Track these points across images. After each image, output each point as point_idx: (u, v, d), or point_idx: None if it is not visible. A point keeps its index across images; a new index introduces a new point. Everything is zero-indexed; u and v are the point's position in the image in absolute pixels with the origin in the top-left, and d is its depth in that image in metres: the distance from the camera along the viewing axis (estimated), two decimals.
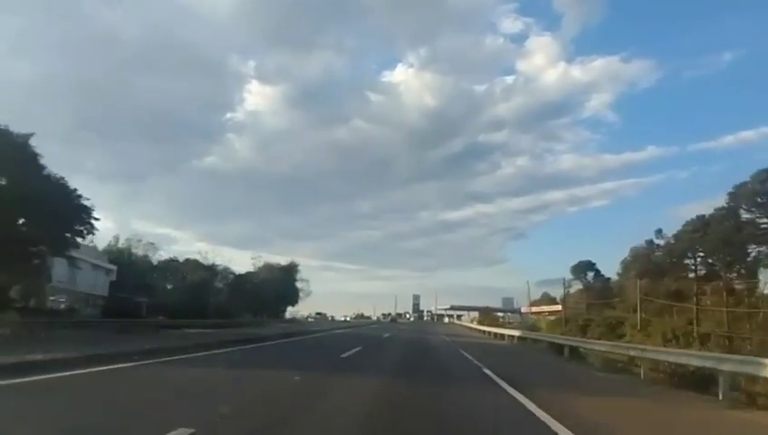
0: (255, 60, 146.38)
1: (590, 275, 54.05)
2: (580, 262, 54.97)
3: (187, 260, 48.62)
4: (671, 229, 35.49)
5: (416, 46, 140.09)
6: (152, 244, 47.24)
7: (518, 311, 74.08)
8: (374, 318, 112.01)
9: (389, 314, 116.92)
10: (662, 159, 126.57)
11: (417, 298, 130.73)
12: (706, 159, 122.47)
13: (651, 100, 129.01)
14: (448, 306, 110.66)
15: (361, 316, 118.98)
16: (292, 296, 61.67)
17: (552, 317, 40.19)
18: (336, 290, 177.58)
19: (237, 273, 52.13)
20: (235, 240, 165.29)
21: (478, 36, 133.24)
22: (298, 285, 61.94)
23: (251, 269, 56.96)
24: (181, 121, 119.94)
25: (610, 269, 50.41)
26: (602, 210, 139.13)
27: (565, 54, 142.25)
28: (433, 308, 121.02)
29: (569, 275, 50.37)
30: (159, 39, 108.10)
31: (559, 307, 38.86)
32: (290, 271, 60.38)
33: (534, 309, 60.03)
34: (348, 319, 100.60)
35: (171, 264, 47.46)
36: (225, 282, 50.11)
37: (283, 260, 61.98)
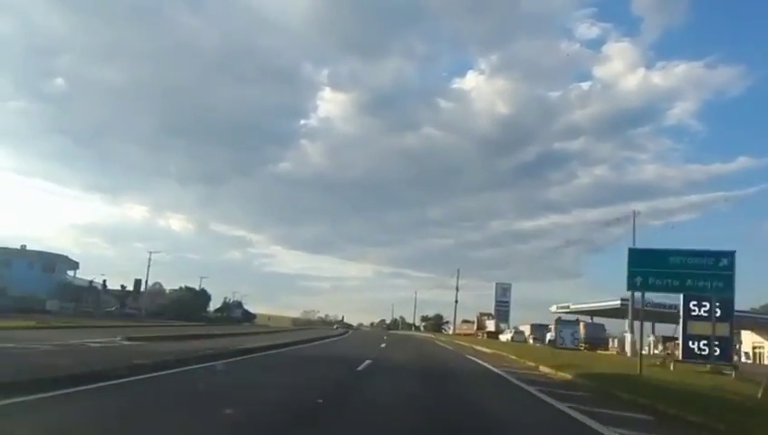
0: (328, 67, 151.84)
1: None
2: None
3: None
4: None
5: (487, 52, 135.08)
6: None
7: None
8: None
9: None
10: (755, 171, 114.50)
11: (504, 291, 69.17)
12: None
13: (742, 108, 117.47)
14: (567, 307, 53.32)
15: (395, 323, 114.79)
16: None
17: None
18: (406, 297, 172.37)
19: None
20: (306, 244, 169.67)
21: (553, 42, 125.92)
22: None
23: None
24: (257, 127, 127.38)
25: None
26: (689, 225, 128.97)
27: (645, 60, 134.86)
28: (569, 307, 52.74)
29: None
30: (238, 46, 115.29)
31: None
32: None
33: None
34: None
35: None
36: None
37: None
